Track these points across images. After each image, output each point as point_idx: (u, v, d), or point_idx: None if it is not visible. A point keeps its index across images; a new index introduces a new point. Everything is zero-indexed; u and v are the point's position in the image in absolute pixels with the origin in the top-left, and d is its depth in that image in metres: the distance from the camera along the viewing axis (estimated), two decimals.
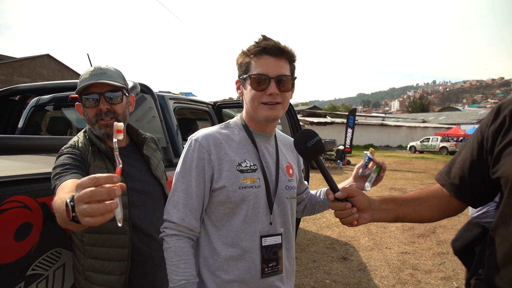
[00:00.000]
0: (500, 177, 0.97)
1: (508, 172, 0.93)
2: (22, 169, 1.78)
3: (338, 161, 16.22)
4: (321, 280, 3.89)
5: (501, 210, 0.98)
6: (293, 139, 1.22)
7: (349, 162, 17.31)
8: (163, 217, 1.23)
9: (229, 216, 1.22)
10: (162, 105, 2.86)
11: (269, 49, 1.19)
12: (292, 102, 1.33)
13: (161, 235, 1.22)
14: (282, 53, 1.21)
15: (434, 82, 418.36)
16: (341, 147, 17.06)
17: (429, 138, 29.38)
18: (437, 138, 28.75)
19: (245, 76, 1.23)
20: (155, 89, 2.86)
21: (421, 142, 29.50)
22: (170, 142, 2.74)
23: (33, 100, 3.33)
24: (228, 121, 1.35)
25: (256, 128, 1.31)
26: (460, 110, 70.45)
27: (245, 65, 1.23)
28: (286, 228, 1.31)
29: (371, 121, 42.79)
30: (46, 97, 3.29)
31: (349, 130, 19.35)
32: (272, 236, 1.26)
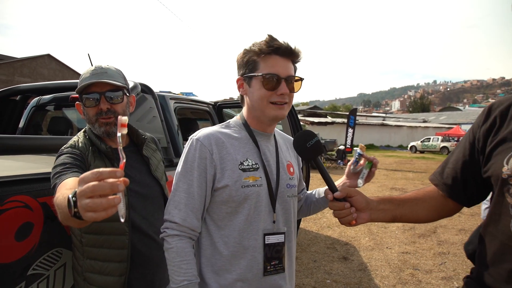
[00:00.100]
0: (491, 176, 0.99)
1: (498, 171, 0.95)
2: (23, 169, 1.77)
3: (339, 161, 16.23)
4: (322, 280, 3.89)
5: (491, 208, 1.00)
6: (293, 139, 1.23)
7: None
8: (164, 217, 1.22)
9: (232, 215, 1.22)
10: (163, 105, 2.86)
11: (281, 50, 1.20)
12: (293, 102, 1.34)
13: (162, 235, 1.21)
14: (291, 55, 1.23)
15: (435, 82, 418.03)
16: (342, 147, 17.05)
17: (430, 138, 29.34)
18: (438, 138, 28.72)
19: (253, 75, 1.22)
20: (156, 89, 2.86)
21: (422, 142, 29.45)
22: (171, 142, 2.74)
23: (34, 100, 3.33)
24: (228, 121, 1.35)
25: (258, 127, 1.31)
26: (461, 110, 70.37)
27: (252, 64, 1.22)
28: (288, 227, 1.32)
29: (372, 121, 42.76)
30: (47, 97, 3.29)
31: (350, 130, 19.33)
32: (275, 235, 1.26)
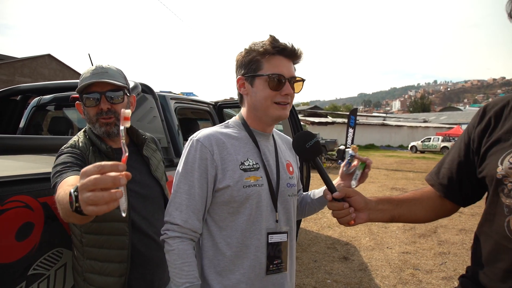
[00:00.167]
0: (486, 176, 1.00)
1: (493, 171, 0.96)
2: (24, 169, 1.78)
3: (339, 161, 16.23)
4: (322, 280, 3.89)
5: (486, 208, 1.01)
6: (292, 140, 1.23)
7: None
8: (165, 219, 1.21)
9: (233, 216, 1.22)
10: (163, 105, 2.86)
11: (286, 51, 1.21)
12: (293, 102, 1.35)
13: (163, 237, 1.20)
14: (295, 56, 1.24)
15: (435, 82, 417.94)
16: (342, 147, 17.04)
17: (430, 138, 29.33)
18: (438, 138, 28.70)
19: (257, 75, 1.22)
20: (156, 89, 2.86)
21: (422, 142, 29.44)
22: (171, 142, 2.74)
23: (35, 100, 3.33)
24: (227, 121, 1.35)
25: (257, 127, 1.31)
26: (461, 110, 70.38)
27: (255, 64, 1.23)
28: (290, 226, 1.32)
29: (372, 121, 42.75)
30: (48, 97, 3.30)
31: (350, 130, 19.31)
32: (278, 234, 1.26)
